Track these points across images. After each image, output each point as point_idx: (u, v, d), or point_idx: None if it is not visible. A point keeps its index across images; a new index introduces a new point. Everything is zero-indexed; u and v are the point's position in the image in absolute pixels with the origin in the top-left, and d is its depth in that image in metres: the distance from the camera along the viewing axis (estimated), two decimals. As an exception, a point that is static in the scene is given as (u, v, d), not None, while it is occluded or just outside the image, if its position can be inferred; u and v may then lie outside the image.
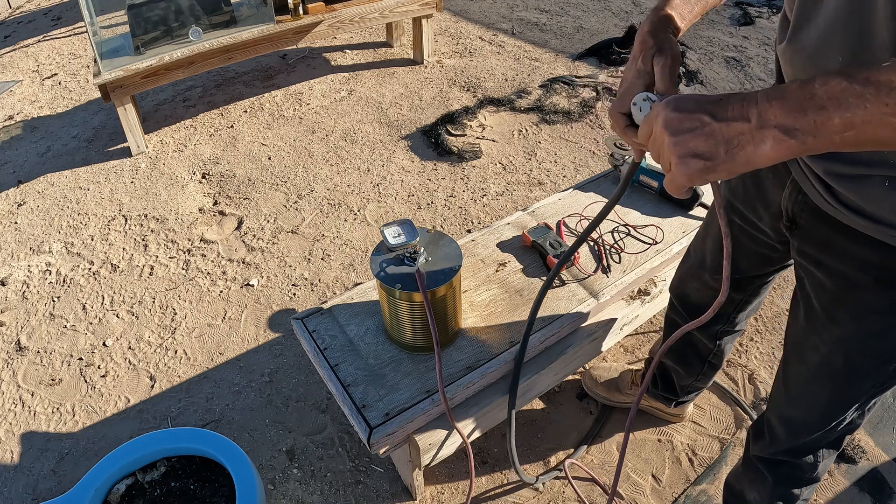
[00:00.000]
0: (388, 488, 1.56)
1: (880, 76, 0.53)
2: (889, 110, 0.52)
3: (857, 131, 0.54)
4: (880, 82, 0.52)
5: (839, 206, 0.79)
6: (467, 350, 1.31)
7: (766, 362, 1.83)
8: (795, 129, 0.56)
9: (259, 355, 1.92)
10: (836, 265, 0.85)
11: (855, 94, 0.53)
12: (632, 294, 1.56)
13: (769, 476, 1.16)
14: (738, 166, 0.60)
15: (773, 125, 0.57)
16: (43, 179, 2.74)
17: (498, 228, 1.60)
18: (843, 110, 0.54)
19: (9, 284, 2.22)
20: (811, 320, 0.94)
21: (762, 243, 1.05)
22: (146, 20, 2.68)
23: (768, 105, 0.57)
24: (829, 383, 0.95)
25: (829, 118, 0.54)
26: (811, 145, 0.57)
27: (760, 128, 0.58)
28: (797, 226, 0.91)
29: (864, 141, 0.55)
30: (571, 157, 2.72)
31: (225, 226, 2.44)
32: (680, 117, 0.63)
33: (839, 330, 0.89)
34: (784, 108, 0.57)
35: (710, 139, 0.60)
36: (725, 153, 0.60)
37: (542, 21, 3.96)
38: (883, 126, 0.53)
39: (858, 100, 0.53)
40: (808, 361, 0.96)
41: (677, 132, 0.62)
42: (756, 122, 0.58)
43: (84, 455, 1.68)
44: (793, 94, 0.57)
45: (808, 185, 0.85)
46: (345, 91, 3.27)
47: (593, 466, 1.59)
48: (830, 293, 0.88)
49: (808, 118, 0.55)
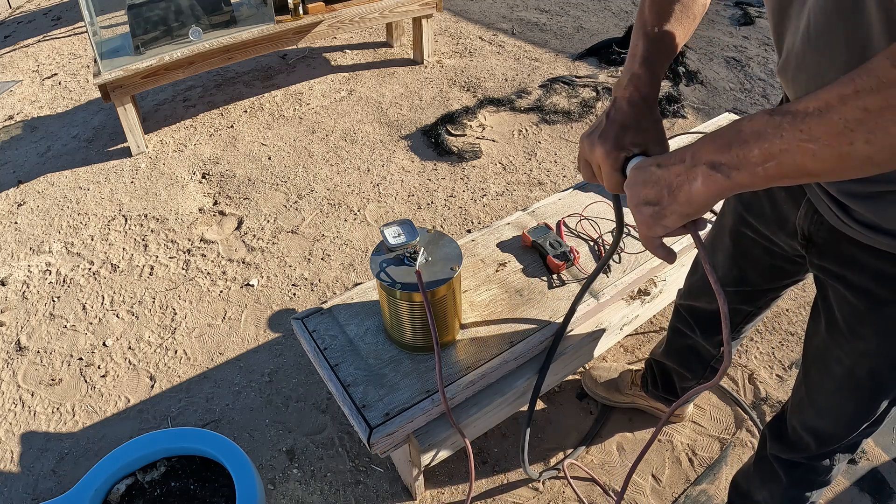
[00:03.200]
0: (388, 488, 1.56)
1: (798, 106, 0.53)
2: (804, 136, 0.52)
3: (777, 162, 0.55)
4: (797, 111, 0.53)
5: (856, 225, 0.77)
6: (467, 350, 1.31)
7: (766, 362, 1.83)
8: (721, 163, 0.58)
9: (259, 355, 1.92)
10: (858, 280, 0.83)
11: (773, 124, 0.54)
12: (632, 294, 1.57)
13: (784, 477, 1.15)
14: (682, 206, 0.63)
15: (703, 162, 0.60)
16: (43, 179, 2.74)
17: (498, 228, 1.60)
18: (762, 141, 0.55)
19: (9, 284, 2.22)
20: (833, 333, 0.92)
21: (777, 256, 1.03)
22: (146, 20, 2.68)
23: (701, 144, 0.60)
24: (854, 395, 0.94)
25: (749, 150, 0.56)
26: (737, 180, 0.58)
27: (693, 166, 0.61)
28: (814, 244, 0.90)
29: (788, 172, 0.55)
30: (571, 157, 2.72)
31: (225, 226, 2.44)
32: (636, 174, 0.69)
33: (864, 345, 0.87)
34: (713, 145, 0.59)
35: (655, 186, 0.65)
36: (668, 195, 0.64)
37: (542, 21, 3.97)
38: (801, 153, 0.53)
39: (775, 129, 0.54)
40: (833, 374, 0.95)
41: (632, 185, 0.69)
42: (689, 162, 0.61)
43: (84, 455, 1.68)
44: (723, 133, 0.59)
45: (822, 206, 0.83)
46: (345, 91, 3.27)
47: (593, 466, 1.59)
48: (853, 307, 0.86)
49: (732, 153, 0.57)
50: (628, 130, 0.77)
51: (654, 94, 0.80)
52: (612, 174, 0.78)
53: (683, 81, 3.23)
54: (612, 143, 0.77)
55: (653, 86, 0.80)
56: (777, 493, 1.18)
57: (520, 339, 1.32)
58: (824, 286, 0.92)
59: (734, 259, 1.12)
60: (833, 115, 0.50)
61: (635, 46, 0.83)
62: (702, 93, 3.15)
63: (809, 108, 0.52)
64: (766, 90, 3.15)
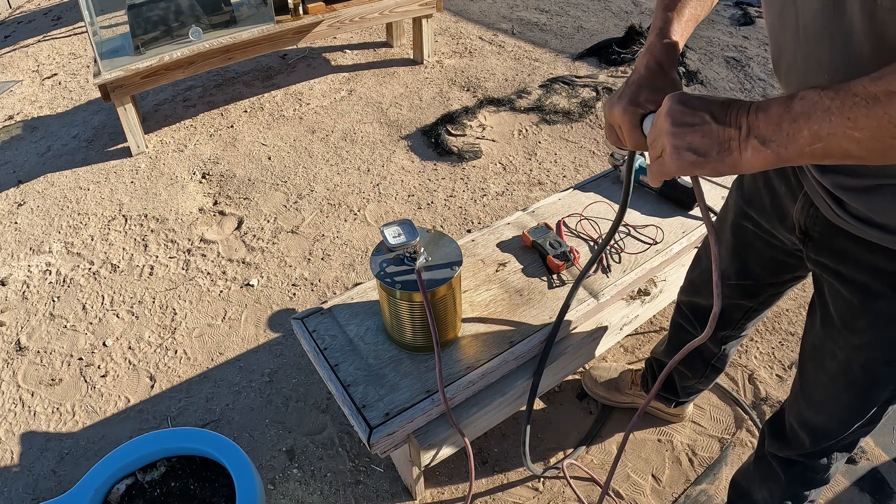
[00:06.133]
0: (388, 488, 1.56)
1: (848, 87, 0.55)
2: (851, 124, 0.55)
3: (824, 143, 0.57)
4: (845, 96, 0.55)
5: (850, 219, 0.79)
6: (467, 350, 1.31)
7: (766, 362, 1.83)
8: (771, 139, 0.61)
9: (259, 355, 1.92)
10: (852, 274, 0.85)
11: (823, 107, 0.56)
12: (632, 294, 1.57)
13: (783, 475, 1.15)
14: (725, 168, 0.65)
15: (755, 135, 0.62)
16: (43, 179, 2.74)
17: (498, 228, 1.60)
18: (812, 123, 0.57)
19: (9, 284, 2.22)
20: (828, 327, 0.93)
21: (778, 249, 1.04)
22: (146, 20, 2.68)
23: (755, 116, 0.62)
24: (848, 390, 0.95)
25: (799, 130, 0.58)
26: (784, 156, 0.61)
27: (746, 136, 0.62)
28: (810, 238, 0.91)
29: (833, 153, 0.58)
30: (571, 157, 2.73)
31: (225, 226, 2.44)
32: (683, 110, 0.66)
33: (857, 338, 0.88)
34: (765, 119, 0.61)
35: (706, 138, 0.65)
36: (717, 154, 0.64)
37: (542, 21, 3.97)
38: (847, 140, 0.56)
39: (825, 113, 0.56)
40: (827, 368, 0.96)
41: (678, 123, 0.66)
42: (745, 131, 0.63)
43: (84, 455, 1.68)
44: (774, 107, 0.61)
45: (818, 199, 0.84)
46: (345, 91, 3.27)
47: (593, 466, 1.59)
48: (847, 301, 0.87)
49: (783, 130, 0.59)
50: (643, 89, 0.81)
51: (669, 60, 0.84)
52: (632, 130, 0.81)
53: (683, 81, 3.23)
54: (629, 100, 0.81)
55: (668, 54, 0.84)
56: (776, 492, 1.19)
57: (520, 339, 1.32)
58: (820, 281, 0.94)
59: (736, 251, 1.13)
60: (879, 110, 0.53)
61: (654, 21, 0.89)
62: (702, 93, 3.15)
63: (857, 95, 0.54)
64: (766, 90, 3.15)
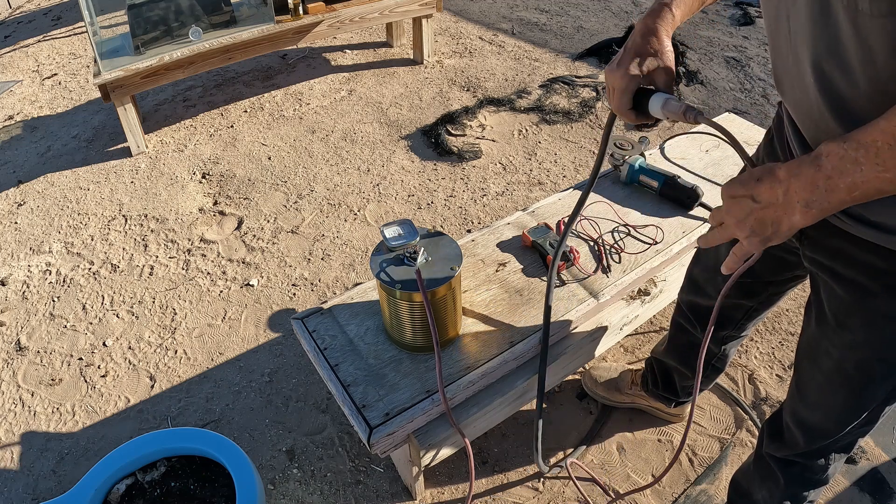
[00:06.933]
0: (388, 488, 1.56)
1: (867, 136, 0.60)
2: (882, 167, 0.60)
3: (861, 190, 0.63)
4: (868, 143, 0.60)
5: (843, 217, 0.81)
6: (467, 350, 1.31)
7: (766, 362, 1.83)
8: (813, 200, 0.66)
9: (259, 355, 1.92)
10: (846, 273, 0.86)
11: (851, 160, 0.62)
12: (632, 294, 1.57)
13: (781, 475, 1.16)
14: (788, 234, 0.72)
15: (796, 201, 0.68)
16: (43, 179, 2.74)
17: (498, 228, 1.60)
18: (846, 176, 0.63)
19: (9, 284, 2.22)
20: (823, 326, 0.94)
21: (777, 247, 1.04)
22: (146, 20, 2.68)
23: (789, 184, 0.68)
24: (843, 389, 0.95)
25: (835, 185, 0.64)
26: (828, 208, 0.67)
27: (787, 204, 0.69)
28: (806, 236, 0.92)
29: (871, 195, 0.63)
30: (571, 157, 2.73)
31: (225, 226, 2.44)
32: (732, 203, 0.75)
33: (851, 336, 0.89)
34: (800, 184, 0.67)
35: (758, 223, 0.73)
36: (773, 230, 0.72)
37: (542, 21, 3.97)
38: (881, 182, 0.61)
39: (854, 165, 0.62)
40: (822, 367, 0.97)
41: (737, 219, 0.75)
42: (784, 200, 0.69)
43: (84, 455, 1.68)
44: (805, 172, 0.66)
45: None
46: (345, 91, 3.27)
47: (593, 466, 1.59)
48: (841, 300, 0.88)
49: (820, 189, 0.65)
50: (636, 55, 0.89)
51: (663, 28, 0.90)
52: (622, 95, 0.89)
53: (683, 81, 3.23)
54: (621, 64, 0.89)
55: (661, 21, 0.90)
56: (776, 492, 1.19)
57: (520, 339, 1.32)
58: (816, 280, 0.95)
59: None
60: None
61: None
62: (702, 93, 3.15)
63: (878, 142, 0.59)
64: (766, 90, 3.15)
